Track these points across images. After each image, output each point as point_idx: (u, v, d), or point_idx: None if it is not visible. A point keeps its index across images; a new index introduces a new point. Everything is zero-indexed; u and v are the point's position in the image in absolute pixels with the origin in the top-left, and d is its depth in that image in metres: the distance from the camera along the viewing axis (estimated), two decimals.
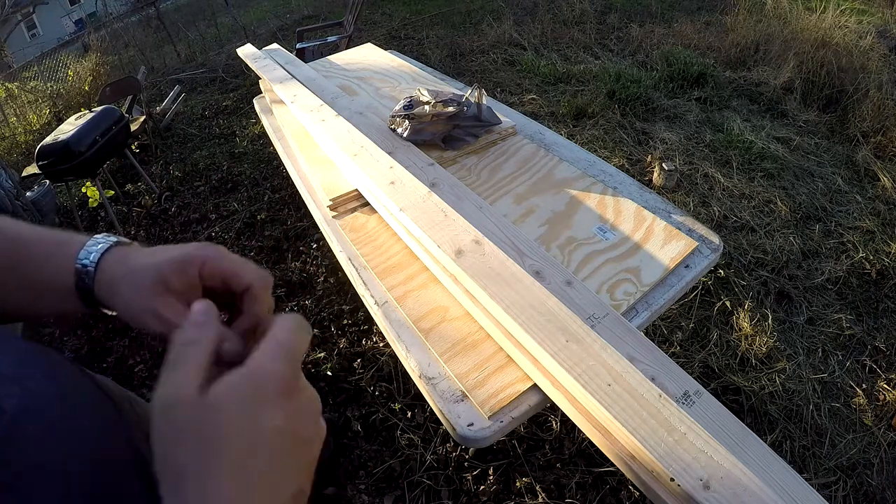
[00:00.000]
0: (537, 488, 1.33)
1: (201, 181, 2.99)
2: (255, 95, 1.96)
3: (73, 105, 4.36)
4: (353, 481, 1.42)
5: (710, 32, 4.14)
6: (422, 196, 1.06)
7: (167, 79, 4.96)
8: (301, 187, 1.36)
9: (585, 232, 1.06)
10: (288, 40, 4.97)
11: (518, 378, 0.81)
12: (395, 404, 1.55)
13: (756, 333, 1.72)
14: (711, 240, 1.02)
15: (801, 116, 3.06)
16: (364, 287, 1.02)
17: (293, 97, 1.58)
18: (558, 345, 0.76)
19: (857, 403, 1.55)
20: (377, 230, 1.14)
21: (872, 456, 1.43)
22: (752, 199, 2.35)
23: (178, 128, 3.79)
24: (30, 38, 16.17)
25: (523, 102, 3.32)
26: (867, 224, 2.19)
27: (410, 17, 5.54)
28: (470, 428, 0.75)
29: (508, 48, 4.24)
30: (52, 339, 2.14)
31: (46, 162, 2.30)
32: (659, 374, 0.76)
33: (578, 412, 0.73)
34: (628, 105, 3.11)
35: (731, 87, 3.39)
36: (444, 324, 0.91)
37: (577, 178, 1.22)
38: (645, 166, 2.61)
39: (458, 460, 1.42)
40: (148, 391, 1.77)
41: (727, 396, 1.56)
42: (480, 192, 1.19)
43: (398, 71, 1.87)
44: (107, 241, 0.41)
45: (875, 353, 1.70)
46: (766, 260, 2.03)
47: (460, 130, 1.33)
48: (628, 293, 0.92)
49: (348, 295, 1.96)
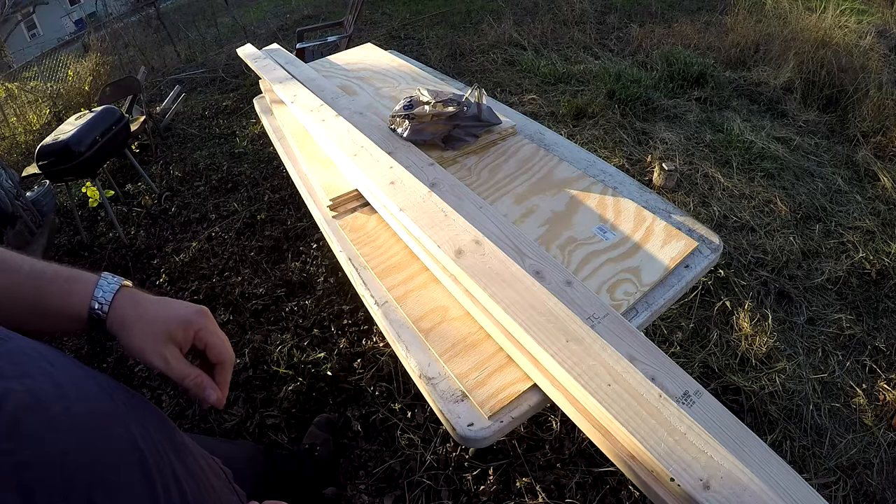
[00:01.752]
0: (537, 488, 1.33)
1: (201, 181, 2.99)
2: (255, 95, 1.96)
3: (73, 105, 4.36)
4: (353, 481, 1.42)
5: (710, 32, 4.14)
6: (422, 196, 1.06)
7: (167, 79, 4.97)
8: (301, 187, 1.36)
9: (585, 232, 1.06)
10: (288, 40, 4.97)
11: (518, 378, 0.81)
12: (395, 404, 1.55)
13: (756, 333, 1.72)
14: (711, 240, 1.02)
15: (801, 116, 3.06)
16: (364, 287, 1.02)
17: (293, 97, 1.58)
18: (558, 345, 0.76)
19: (857, 403, 1.55)
20: (377, 230, 1.14)
21: (872, 456, 1.43)
22: (752, 199, 2.35)
23: (178, 128, 3.79)
24: (30, 38, 16.17)
25: (523, 102, 3.32)
26: (867, 224, 2.19)
27: (410, 17, 5.54)
28: (470, 428, 0.75)
29: (508, 48, 4.24)
30: (52, 338, 2.14)
31: (46, 162, 2.30)
32: (659, 374, 0.76)
33: (578, 412, 0.73)
34: (628, 105, 3.11)
35: (731, 87, 3.39)
36: (444, 324, 0.91)
37: (577, 178, 1.22)
38: (645, 166, 2.61)
39: (458, 460, 1.42)
40: (148, 391, 1.77)
41: (727, 396, 1.56)
42: (480, 192, 1.19)
43: (398, 71, 1.87)
44: (116, 282, 0.51)
45: (875, 353, 1.70)
46: (766, 260, 2.03)
47: (460, 130, 1.33)
48: (628, 293, 0.92)
49: (348, 295, 1.96)
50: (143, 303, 0.51)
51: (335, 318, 1.89)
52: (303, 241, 2.32)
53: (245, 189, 2.81)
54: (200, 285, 2.17)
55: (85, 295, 0.50)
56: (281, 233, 2.39)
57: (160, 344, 0.50)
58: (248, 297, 2.06)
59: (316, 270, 2.13)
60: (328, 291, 2.01)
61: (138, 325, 0.50)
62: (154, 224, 2.71)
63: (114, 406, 0.41)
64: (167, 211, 2.78)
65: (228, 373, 0.55)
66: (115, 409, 0.41)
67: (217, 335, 0.54)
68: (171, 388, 1.75)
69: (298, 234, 2.37)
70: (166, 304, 0.53)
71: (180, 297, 2.11)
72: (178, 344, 0.51)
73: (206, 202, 2.78)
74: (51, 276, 0.50)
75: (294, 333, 1.86)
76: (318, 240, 2.26)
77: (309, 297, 2.00)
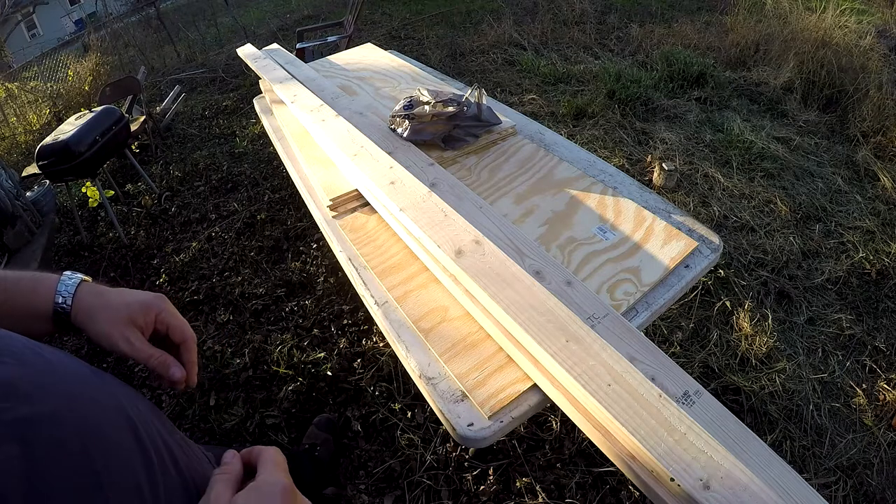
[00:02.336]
0: (537, 488, 1.33)
1: (201, 181, 2.99)
2: (255, 95, 1.96)
3: (73, 105, 4.36)
4: (353, 481, 1.42)
5: (710, 32, 4.14)
6: (422, 196, 1.06)
7: (167, 79, 4.96)
8: (301, 187, 1.36)
9: (585, 232, 1.06)
10: (288, 40, 4.97)
11: (518, 378, 0.81)
12: (395, 404, 1.55)
13: (756, 333, 1.72)
14: (711, 240, 1.02)
15: (801, 116, 3.06)
16: (364, 287, 1.02)
17: (293, 97, 1.58)
18: (558, 345, 0.76)
19: (857, 403, 1.55)
20: (377, 230, 1.14)
21: (872, 456, 1.43)
22: (752, 199, 2.35)
23: (178, 128, 3.79)
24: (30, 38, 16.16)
25: (523, 102, 3.32)
26: (867, 224, 2.19)
27: (410, 17, 5.54)
28: (470, 428, 0.75)
29: (508, 48, 4.24)
30: (52, 338, 2.14)
31: (46, 162, 2.30)
32: (659, 374, 0.76)
33: (578, 412, 0.73)
34: (628, 105, 3.11)
35: (731, 87, 3.39)
36: (444, 324, 0.91)
37: (577, 178, 1.22)
38: (645, 166, 2.61)
39: (458, 460, 1.42)
40: (148, 391, 1.77)
41: (727, 396, 1.56)
42: (480, 192, 1.19)
43: (398, 71, 1.87)
44: (77, 277, 0.55)
45: (875, 353, 1.70)
46: (766, 260, 2.03)
47: (460, 130, 1.33)
48: (628, 293, 0.92)
49: (348, 295, 1.96)
50: (104, 293, 0.55)
51: (335, 318, 1.89)
52: (303, 241, 2.32)
53: (245, 189, 2.81)
54: (200, 285, 2.17)
55: (48, 292, 0.52)
56: (281, 233, 2.39)
57: (124, 328, 0.53)
58: (248, 297, 2.06)
59: (316, 270, 2.13)
60: (328, 291, 2.01)
61: (102, 312, 0.53)
62: (154, 224, 2.71)
63: (102, 381, 0.44)
64: (167, 211, 2.78)
65: (193, 351, 0.58)
66: (104, 383, 0.44)
67: (177, 317, 0.58)
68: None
69: (298, 234, 2.37)
70: (126, 292, 0.56)
71: (180, 298, 2.12)
72: (140, 327, 0.54)
73: (206, 202, 2.78)
74: (15, 280, 0.53)
75: (294, 333, 1.86)
76: (318, 240, 2.26)
77: (309, 297, 2.00)
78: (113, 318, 0.53)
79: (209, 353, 1.82)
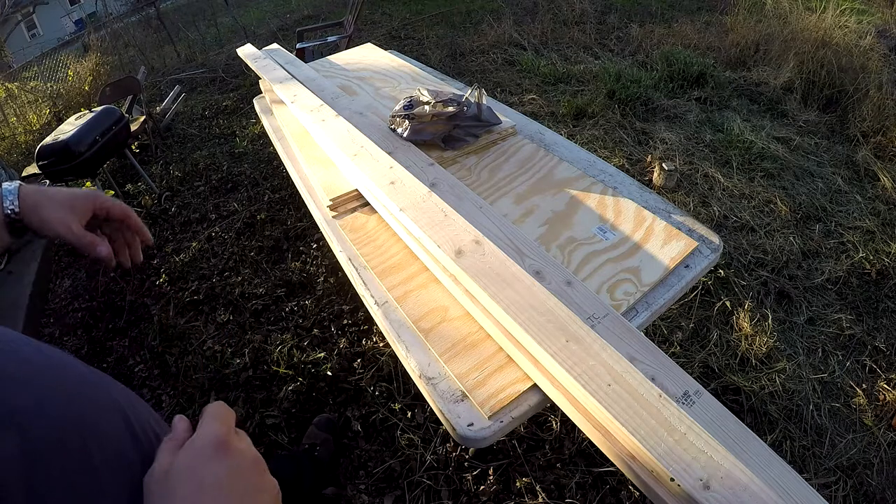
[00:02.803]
0: (537, 488, 1.33)
1: (201, 181, 2.99)
2: (255, 95, 1.96)
3: (73, 105, 4.35)
4: (353, 481, 1.42)
5: (710, 32, 4.14)
6: (422, 196, 1.06)
7: (167, 79, 4.96)
8: (301, 187, 1.36)
9: (585, 232, 1.06)
10: (288, 40, 4.97)
11: (518, 378, 0.81)
12: (395, 404, 1.55)
13: (756, 333, 1.72)
14: (711, 240, 1.02)
15: (801, 116, 3.06)
16: (364, 287, 1.02)
17: (293, 97, 1.58)
18: (558, 345, 0.76)
19: (857, 403, 1.55)
20: (377, 230, 1.14)
21: (872, 456, 1.43)
22: (752, 199, 2.35)
23: (178, 128, 3.79)
24: (30, 38, 16.17)
25: (523, 102, 3.32)
26: (867, 224, 2.19)
27: (410, 17, 5.54)
28: (470, 428, 0.75)
29: (508, 48, 4.24)
30: (52, 338, 2.14)
31: (46, 162, 2.30)
32: (659, 374, 0.76)
33: (578, 412, 0.73)
34: (628, 105, 3.11)
35: (731, 87, 3.39)
36: (444, 324, 0.91)
37: (577, 178, 1.22)
38: (645, 166, 2.61)
39: (458, 460, 1.42)
40: (148, 391, 1.77)
41: (727, 396, 1.56)
42: (480, 192, 1.19)
43: (398, 71, 1.87)
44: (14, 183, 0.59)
45: (875, 353, 1.70)
46: (766, 260, 2.03)
47: (460, 130, 1.33)
48: (628, 293, 0.92)
49: (348, 295, 1.96)
50: (45, 189, 0.61)
51: (335, 318, 1.89)
52: (303, 241, 2.32)
53: (245, 189, 2.81)
54: (200, 285, 2.17)
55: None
56: (281, 233, 2.39)
57: (66, 214, 0.59)
58: (248, 297, 2.06)
59: (316, 270, 2.13)
60: (328, 291, 2.01)
61: (48, 203, 0.59)
62: (154, 224, 2.71)
63: (100, 381, 0.45)
64: (167, 211, 2.78)
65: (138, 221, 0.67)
66: (101, 383, 0.45)
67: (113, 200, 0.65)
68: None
69: (298, 234, 2.37)
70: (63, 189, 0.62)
71: (180, 298, 2.12)
72: (80, 215, 0.60)
73: (206, 202, 2.78)
74: None
75: (294, 333, 1.86)
76: (318, 240, 2.26)
77: (309, 297, 2.00)
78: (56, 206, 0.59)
79: (209, 353, 1.82)
